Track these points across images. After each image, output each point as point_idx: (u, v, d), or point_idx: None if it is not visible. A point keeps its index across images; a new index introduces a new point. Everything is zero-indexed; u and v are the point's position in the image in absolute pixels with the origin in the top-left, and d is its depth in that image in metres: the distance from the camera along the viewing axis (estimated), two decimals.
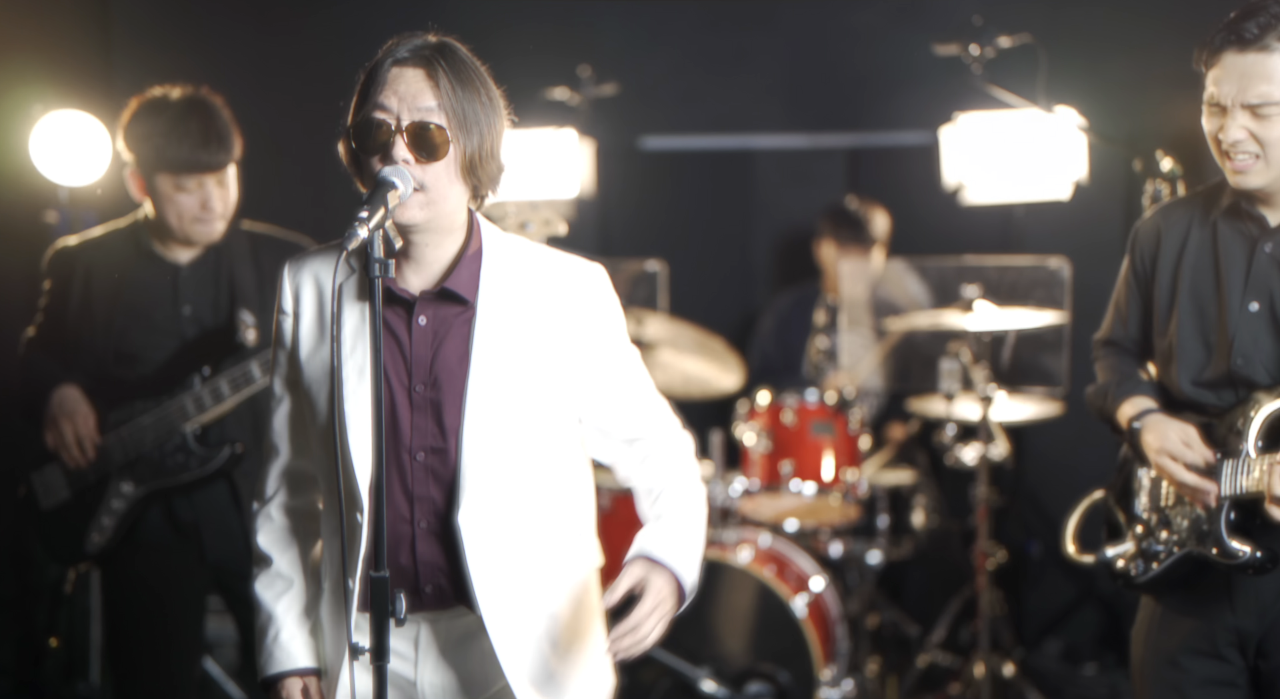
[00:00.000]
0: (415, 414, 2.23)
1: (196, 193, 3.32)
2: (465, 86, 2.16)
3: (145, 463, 3.35)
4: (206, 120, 3.33)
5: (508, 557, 2.25)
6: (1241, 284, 2.64)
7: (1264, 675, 2.62)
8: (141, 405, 3.34)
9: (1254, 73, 2.49)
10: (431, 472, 2.23)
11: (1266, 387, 2.61)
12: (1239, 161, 2.55)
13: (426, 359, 2.23)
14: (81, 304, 3.42)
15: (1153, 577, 2.74)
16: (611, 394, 2.34)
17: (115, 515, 3.35)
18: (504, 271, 2.26)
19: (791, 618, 4.26)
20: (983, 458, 4.48)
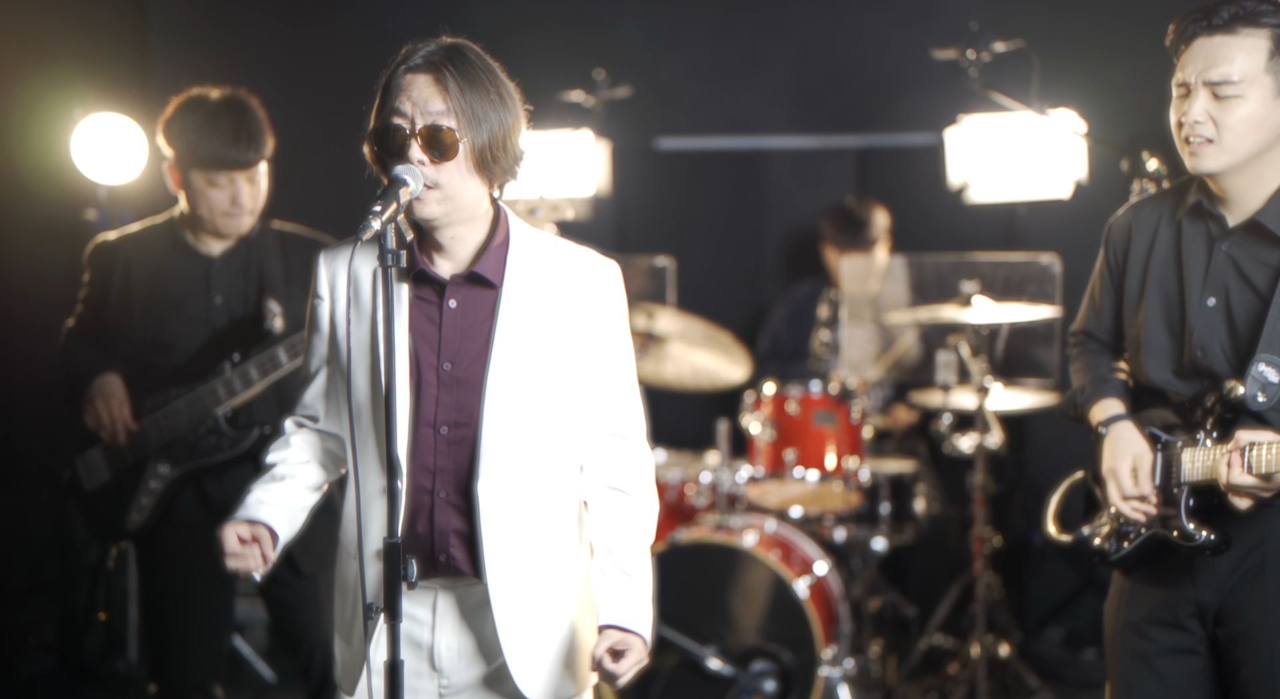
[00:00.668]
0: (441, 391, 2.38)
1: (227, 188, 3.50)
2: (473, 87, 2.32)
3: (180, 445, 3.53)
4: (239, 119, 3.50)
5: (520, 529, 2.40)
6: (1201, 280, 2.77)
7: (1221, 643, 2.77)
8: (176, 391, 3.52)
9: (1218, 54, 2.63)
10: (453, 445, 2.39)
11: (1225, 376, 2.75)
12: (1195, 144, 2.68)
13: (455, 339, 2.39)
14: (121, 296, 3.60)
15: (1124, 555, 2.88)
16: (604, 385, 2.47)
17: (153, 495, 3.53)
18: (528, 260, 2.42)
19: (795, 599, 4.41)
20: (979, 447, 4.63)
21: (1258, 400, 2.67)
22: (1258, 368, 2.67)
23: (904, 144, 5.98)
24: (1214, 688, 2.82)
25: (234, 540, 2.45)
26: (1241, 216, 2.74)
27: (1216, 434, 2.72)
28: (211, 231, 3.59)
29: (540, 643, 2.44)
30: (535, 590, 2.43)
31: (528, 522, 2.42)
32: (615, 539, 2.47)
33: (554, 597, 2.46)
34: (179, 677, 3.61)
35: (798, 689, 4.40)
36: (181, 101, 3.57)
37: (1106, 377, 2.99)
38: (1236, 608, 2.74)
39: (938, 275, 4.80)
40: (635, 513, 2.50)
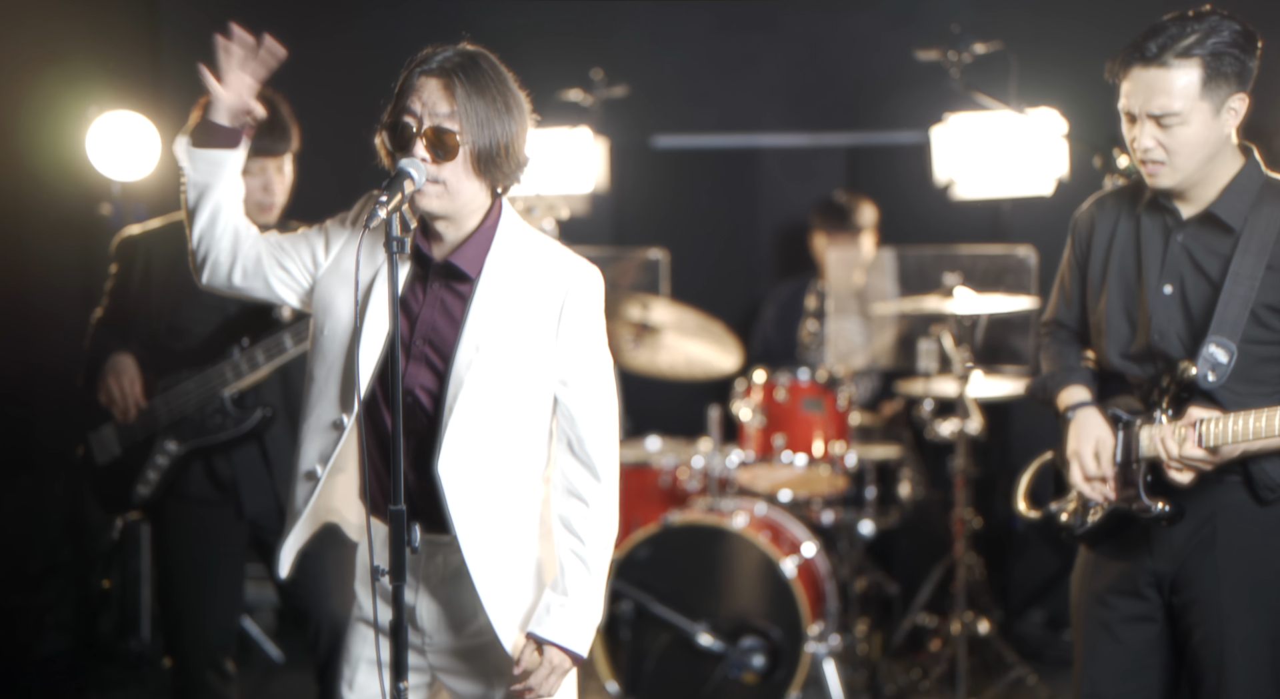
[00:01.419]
0: (411, 363, 2.55)
1: (259, 176, 3.64)
2: (481, 95, 2.47)
3: (187, 423, 3.70)
4: (270, 111, 3.57)
5: (481, 497, 2.54)
6: (1158, 269, 2.94)
7: (1176, 609, 2.95)
8: (187, 373, 3.69)
9: (1155, 86, 2.79)
10: (415, 414, 2.55)
11: (1180, 359, 2.92)
12: (1150, 167, 2.86)
13: (429, 320, 2.56)
14: (141, 286, 3.77)
15: (1088, 529, 3.05)
16: (570, 386, 2.58)
17: (160, 470, 3.70)
18: (510, 255, 2.56)
19: (783, 578, 4.57)
20: (960, 432, 4.81)
21: (1208, 379, 2.85)
22: (1208, 349, 2.85)
23: (892, 142, 6.13)
24: (1169, 652, 2.99)
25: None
26: (1195, 209, 2.91)
27: (1172, 412, 2.89)
28: None
29: (516, 603, 2.59)
30: (505, 553, 2.57)
31: (491, 492, 2.55)
32: (570, 551, 2.58)
33: (522, 558, 2.60)
34: (193, 648, 3.75)
35: (785, 664, 4.55)
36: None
37: (1074, 364, 3.16)
38: (1190, 577, 2.91)
39: (920, 267, 4.97)
40: (593, 525, 2.58)
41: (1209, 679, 2.90)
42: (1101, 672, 3.02)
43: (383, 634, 2.59)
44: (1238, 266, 2.84)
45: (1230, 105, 2.82)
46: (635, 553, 4.69)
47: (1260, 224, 2.85)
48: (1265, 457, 2.81)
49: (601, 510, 2.59)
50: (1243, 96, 2.84)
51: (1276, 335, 2.86)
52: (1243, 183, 2.88)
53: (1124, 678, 3.00)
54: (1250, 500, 2.87)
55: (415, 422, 2.57)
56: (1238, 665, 2.86)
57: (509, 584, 2.58)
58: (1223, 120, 2.82)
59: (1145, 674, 2.99)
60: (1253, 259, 2.84)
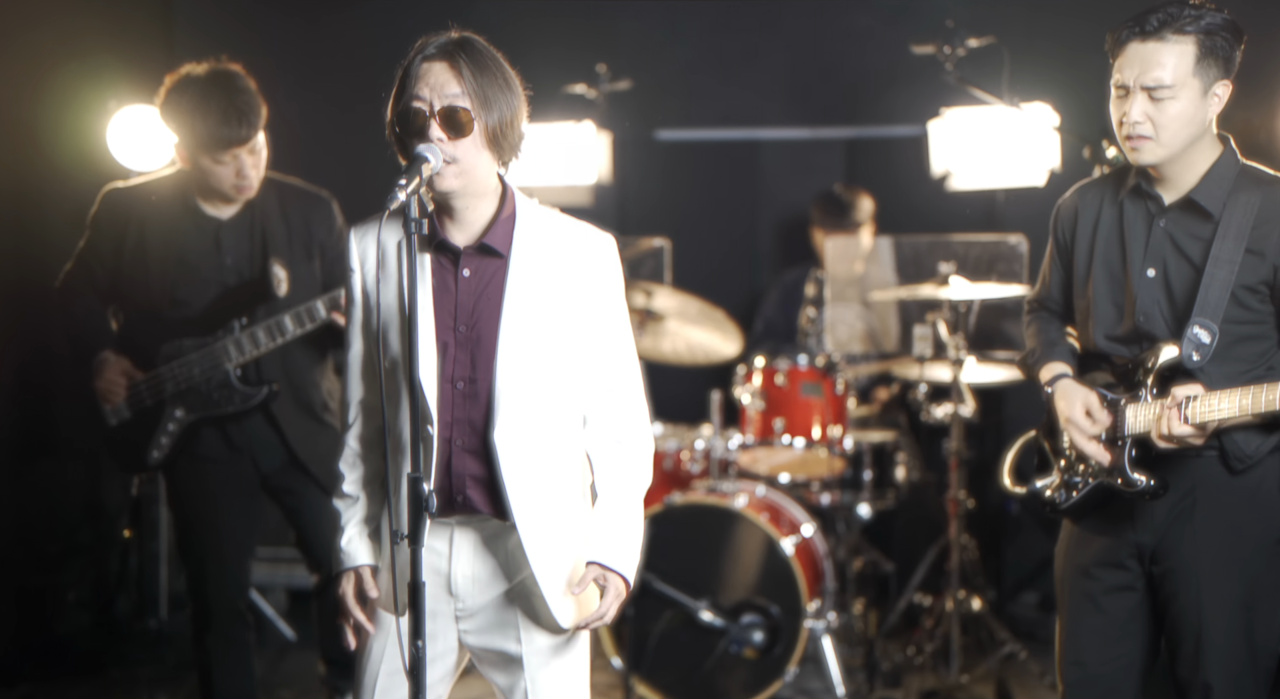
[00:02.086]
0: (458, 350, 2.66)
1: (231, 164, 3.75)
2: (484, 72, 2.60)
3: (194, 394, 3.85)
4: (228, 97, 3.70)
5: (534, 469, 2.67)
6: (1142, 254, 3.07)
7: (1156, 579, 3.08)
8: (190, 343, 3.84)
9: (1151, 59, 2.92)
10: (468, 398, 2.66)
11: (1164, 340, 3.04)
12: (1135, 142, 2.98)
13: (469, 304, 2.66)
14: (135, 253, 3.88)
15: (1072, 504, 3.17)
16: (603, 345, 2.74)
17: (171, 436, 3.87)
18: (534, 232, 2.69)
19: (782, 556, 4.70)
20: (954, 415, 4.95)
21: (1193, 359, 2.98)
22: (1192, 330, 2.98)
23: (890, 135, 6.26)
24: (1149, 620, 3.13)
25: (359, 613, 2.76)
26: (1176, 195, 3.04)
27: (1156, 391, 3.02)
28: (223, 199, 3.87)
29: (561, 571, 2.71)
30: (553, 524, 2.70)
31: (540, 464, 2.69)
32: (611, 485, 2.75)
33: (568, 529, 2.73)
34: (216, 591, 3.94)
35: (784, 640, 4.68)
36: (172, 84, 3.79)
37: (1056, 340, 3.30)
38: (1170, 547, 3.05)
39: (914, 255, 5.10)
40: (630, 461, 2.75)
41: (1187, 644, 3.03)
42: (1085, 641, 3.15)
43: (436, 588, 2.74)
44: (1218, 251, 2.98)
45: (1215, 90, 2.96)
46: None
47: (1238, 210, 2.98)
48: (1237, 429, 2.96)
49: (642, 446, 2.77)
50: (1227, 83, 2.98)
51: (1253, 315, 2.99)
52: (1221, 170, 3.02)
53: (1106, 645, 3.13)
54: (1225, 472, 3.00)
55: (463, 406, 2.66)
56: (1214, 630, 2.99)
57: (556, 549, 2.70)
58: (1208, 103, 2.96)
59: (1126, 641, 3.13)
60: (1232, 243, 2.97)
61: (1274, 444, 2.98)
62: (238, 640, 3.99)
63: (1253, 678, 3.01)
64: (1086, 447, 3.10)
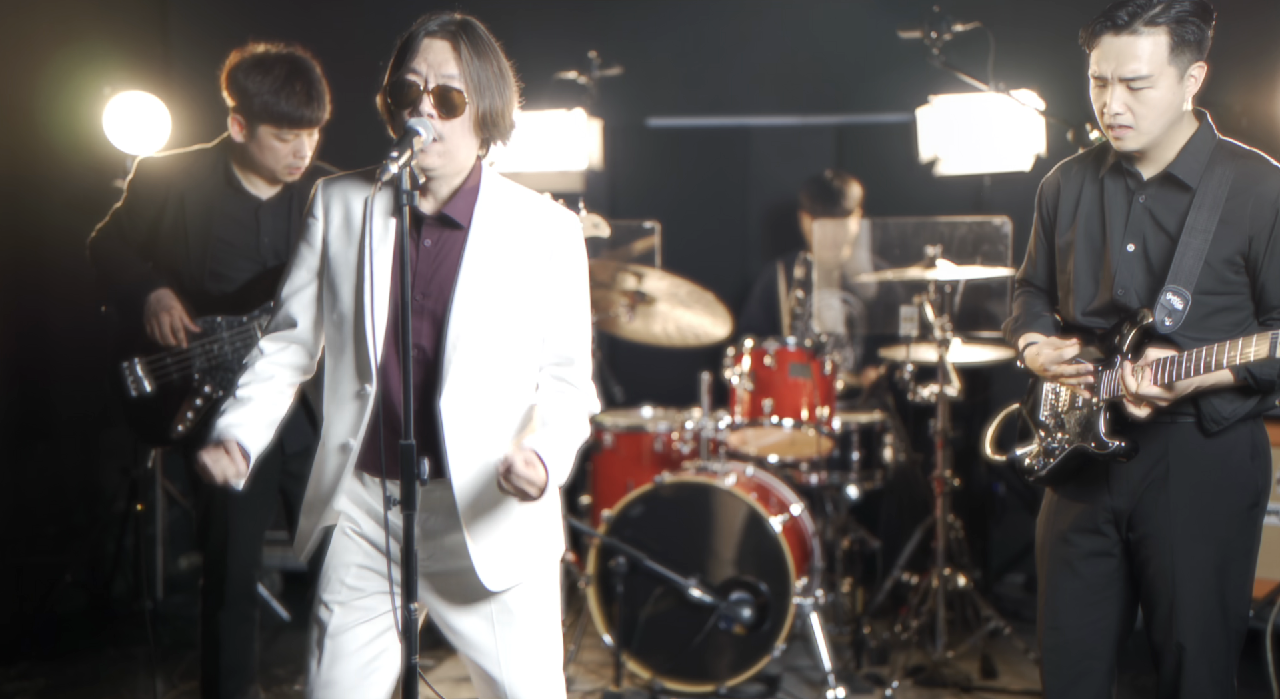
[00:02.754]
0: (415, 318, 2.69)
1: (293, 143, 3.79)
2: (482, 58, 2.66)
3: (224, 371, 3.86)
4: (310, 81, 3.77)
5: (479, 438, 2.71)
6: (1122, 229, 3.14)
7: (1132, 544, 3.15)
8: (224, 320, 3.86)
9: (1126, 52, 2.99)
10: (421, 365, 2.71)
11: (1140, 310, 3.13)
12: (1117, 131, 3.05)
13: (428, 273, 2.71)
14: (174, 226, 3.88)
15: (1051, 470, 3.25)
16: (557, 317, 2.77)
17: (197, 411, 3.86)
18: (495, 205, 2.74)
19: (770, 534, 4.76)
20: (940, 394, 5.01)
21: (1165, 325, 3.05)
22: (1165, 297, 3.05)
23: (879, 122, 6.32)
24: (1125, 584, 3.20)
25: (205, 456, 2.76)
26: (1155, 170, 3.11)
27: (1131, 356, 3.09)
28: (267, 178, 3.89)
29: (499, 536, 2.75)
30: (492, 494, 2.72)
31: (484, 433, 2.73)
32: (553, 411, 2.74)
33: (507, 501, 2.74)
34: (234, 569, 3.94)
35: (772, 617, 4.74)
36: (250, 59, 3.79)
37: (1038, 313, 3.37)
38: (1145, 513, 3.12)
39: (901, 237, 5.16)
40: (575, 399, 2.79)
41: (1161, 608, 3.11)
42: (1062, 604, 3.23)
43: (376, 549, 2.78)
44: (1193, 221, 3.05)
45: (1191, 72, 3.03)
46: (628, 511, 4.87)
47: (1214, 182, 3.05)
48: (1214, 393, 3.03)
49: (586, 401, 2.80)
50: (1202, 64, 3.05)
51: (1228, 287, 3.06)
52: (1198, 144, 3.09)
53: (1084, 609, 3.21)
54: (1200, 437, 3.07)
55: (418, 372, 2.70)
56: (1187, 594, 3.07)
57: (495, 521, 2.74)
58: (1185, 86, 3.03)
59: (1103, 605, 3.20)
60: (1206, 214, 3.04)
61: (1250, 407, 3.05)
62: (248, 618, 4.03)
63: (1225, 639, 3.08)
64: (1065, 369, 3.13)
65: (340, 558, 2.83)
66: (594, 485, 5.56)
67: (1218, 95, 4.70)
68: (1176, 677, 3.09)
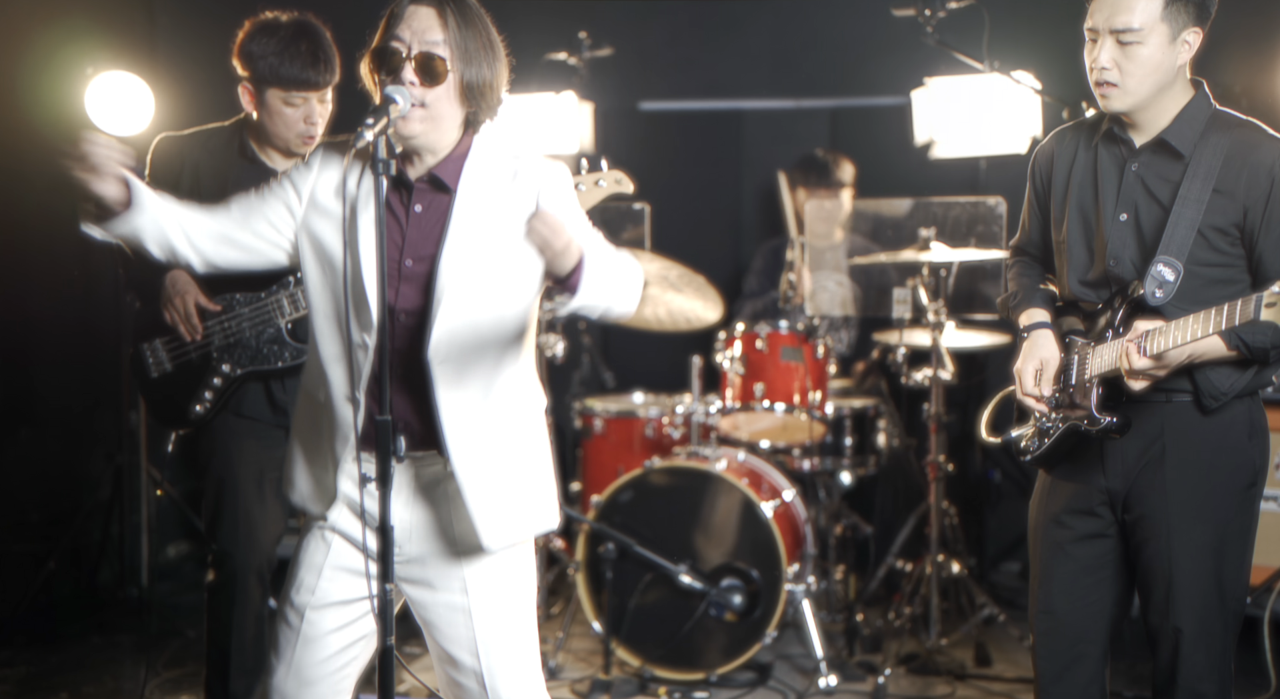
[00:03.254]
0: (402, 283, 2.66)
1: (302, 107, 3.70)
2: (469, 26, 2.61)
3: (243, 348, 3.76)
4: (316, 42, 3.69)
5: (470, 394, 2.67)
6: (1114, 198, 3.08)
7: (1128, 526, 3.08)
8: (241, 297, 3.75)
9: (1121, 3, 2.94)
10: (409, 331, 2.66)
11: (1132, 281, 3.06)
12: (1103, 89, 2.99)
13: (416, 239, 2.67)
14: (190, 196, 3.66)
15: (1044, 451, 3.19)
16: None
17: (216, 391, 3.76)
18: (483, 165, 2.69)
19: (761, 520, 4.70)
20: (933, 378, 4.95)
21: (1155, 296, 2.99)
22: (1156, 268, 2.99)
23: (873, 105, 6.28)
24: (1120, 566, 3.13)
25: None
26: (1148, 137, 3.05)
27: (1122, 329, 3.03)
28: (282, 149, 3.80)
29: (495, 492, 2.70)
30: (492, 452, 2.69)
31: (479, 398, 2.68)
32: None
33: (506, 465, 2.71)
34: (247, 556, 3.74)
35: (764, 604, 4.68)
36: (257, 24, 3.74)
37: (1035, 286, 3.31)
38: (1140, 494, 3.05)
39: (894, 219, 5.10)
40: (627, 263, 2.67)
41: (1158, 591, 3.04)
42: (1056, 587, 3.16)
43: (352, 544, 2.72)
44: (1186, 190, 2.99)
45: (1185, 37, 2.97)
46: (618, 496, 4.81)
47: (1208, 151, 2.99)
48: (1210, 367, 2.96)
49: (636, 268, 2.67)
50: (1198, 32, 2.99)
51: (1224, 258, 2.99)
52: (1192, 112, 3.03)
53: (1077, 593, 3.14)
54: (1197, 415, 3.01)
55: (405, 339, 2.66)
56: (1184, 576, 3.00)
57: (492, 477, 2.69)
58: (1177, 50, 2.97)
59: (1098, 587, 3.14)
60: (1200, 183, 2.98)
61: (1248, 380, 2.99)
62: (260, 616, 3.79)
63: (1222, 622, 3.02)
64: (1021, 399, 3.18)
65: (310, 558, 2.77)
66: (584, 471, 5.50)
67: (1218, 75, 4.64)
68: (1173, 661, 3.03)
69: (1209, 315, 2.81)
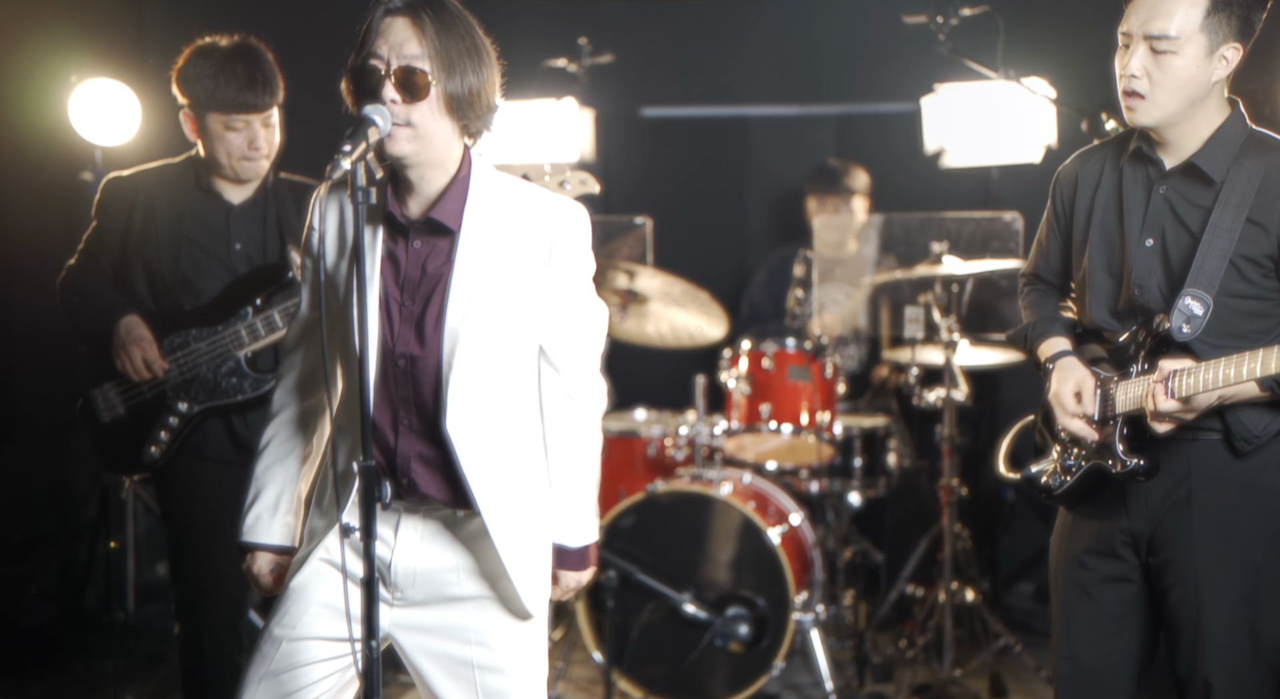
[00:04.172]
0: (401, 325, 2.51)
1: (244, 131, 3.58)
2: (449, 33, 2.44)
3: (200, 384, 3.61)
4: (253, 63, 3.58)
5: (493, 454, 2.52)
6: (1140, 222, 2.91)
7: (1153, 570, 2.92)
8: (196, 333, 3.61)
9: (1160, 8, 2.76)
10: (411, 377, 2.52)
11: (1159, 313, 2.88)
12: (1130, 100, 2.81)
13: (415, 278, 2.51)
14: (143, 230, 3.66)
15: (1067, 489, 3.02)
16: (559, 319, 2.58)
17: (172, 431, 3.61)
18: (489, 203, 2.53)
19: (768, 547, 4.54)
20: (946, 399, 4.78)
21: (1182, 331, 2.81)
22: (1184, 301, 2.81)
23: (882, 111, 6.14)
24: (1146, 612, 2.97)
25: (269, 580, 2.70)
26: (1178, 160, 2.88)
27: (1146, 367, 2.85)
28: (230, 178, 3.68)
29: (528, 555, 2.57)
30: (517, 509, 2.55)
31: (498, 448, 2.54)
32: (564, 449, 2.61)
33: (532, 513, 2.58)
34: (210, 615, 3.61)
35: (771, 633, 4.54)
36: (195, 49, 3.64)
37: (1054, 315, 3.14)
38: (1166, 537, 2.88)
39: (906, 233, 4.95)
40: (582, 419, 2.62)
41: (1186, 638, 2.87)
42: (1079, 632, 3.00)
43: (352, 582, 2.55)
44: (1217, 219, 2.82)
45: (1224, 52, 2.80)
46: (620, 521, 4.67)
47: (1242, 177, 2.82)
48: (1243, 407, 2.79)
49: (593, 404, 2.65)
50: (1238, 47, 2.81)
51: (1256, 289, 2.83)
52: (1226, 134, 2.85)
53: (1101, 638, 2.98)
54: (1227, 455, 2.84)
55: (411, 387, 2.53)
56: (1214, 624, 2.83)
57: (525, 539, 2.57)
58: (1213, 65, 2.80)
59: (1122, 634, 2.97)
60: (1232, 211, 2.81)
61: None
62: (232, 665, 3.56)
63: (1257, 675, 2.85)
64: (1069, 424, 2.96)
65: (300, 589, 2.61)
66: None
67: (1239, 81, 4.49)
68: None
69: (1242, 360, 2.64)
